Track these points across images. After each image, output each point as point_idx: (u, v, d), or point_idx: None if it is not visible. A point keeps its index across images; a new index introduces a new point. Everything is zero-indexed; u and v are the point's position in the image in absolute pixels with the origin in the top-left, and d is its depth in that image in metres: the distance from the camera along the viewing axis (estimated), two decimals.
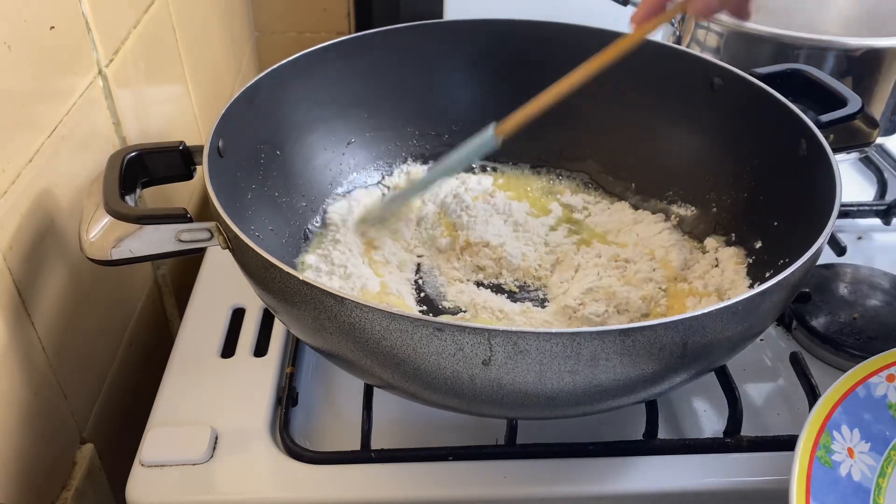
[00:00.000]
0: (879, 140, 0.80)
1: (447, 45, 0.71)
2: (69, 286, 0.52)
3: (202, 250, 0.48)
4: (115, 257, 0.46)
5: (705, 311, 0.40)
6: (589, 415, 0.50)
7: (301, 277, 0.41)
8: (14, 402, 0.45)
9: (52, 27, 0.48)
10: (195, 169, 0.53)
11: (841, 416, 0.46)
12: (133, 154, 0.51)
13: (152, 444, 0.50)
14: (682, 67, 0.66)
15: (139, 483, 0.49)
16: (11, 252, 0.44)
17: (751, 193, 0.62)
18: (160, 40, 0.67)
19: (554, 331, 0.38)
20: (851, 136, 0.58)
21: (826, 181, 0.50)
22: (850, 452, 0.45)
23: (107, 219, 0.46)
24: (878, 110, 0.76)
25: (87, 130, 0.53)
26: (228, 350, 0.58)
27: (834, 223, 0.47)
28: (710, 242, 0.63)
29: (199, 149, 0.52)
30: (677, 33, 0.83)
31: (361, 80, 0.69)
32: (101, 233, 0.46)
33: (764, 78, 0.61)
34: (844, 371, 0.48)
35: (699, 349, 0.42)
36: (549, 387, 0.41)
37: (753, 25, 0.74)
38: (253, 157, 0.60)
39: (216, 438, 0.51)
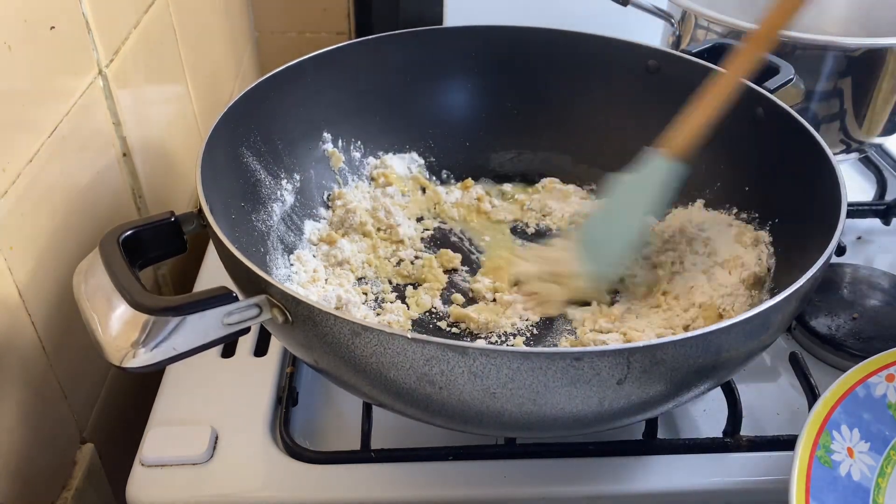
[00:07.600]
0: (879, 140, 0.80)
1: (447, 51, 0.70)
2: (69, 286, 0.51)
3: (248, 331, 0.41)
4: (158, 359, 0.38)
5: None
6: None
7: (410, 336, 0.37)
8: (14, 402, 0.45)
9: (52, 27, 0.48)
10: (188, 239, 0.49)
11: (840, 416, 0.46)
12: (128, 233, 0.45)
13: (152, 444, 0.50)
14: (617, 55, 0.68)
15: (139, 483, 0.49)
16: (12, 252, 0.44)
17: (725, 167, 0.64)
18: (160, 40, 0.67)
19: (690, 335, 0.38)
20: (787, 98, 0.61)
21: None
22: (850, 452, 0.45)
23: (126, 313, 0.38)
24: (877, 110, 0.76)
25: (88, 130, 0.53)
26: (228, 350, 0.58)
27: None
28: None
29: (189, 217, 0.48)
30: (677, 33, 0.82)
31: (356, 90, 0.68)
32: (126, 333, 0.38)
33: (696, 56, 0.64)
34: (844, 371, 0.48)
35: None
36: (668, 389, 0.41)
37: (753, 26, 0.74)
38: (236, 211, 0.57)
39: (216, 438, 0.51)
